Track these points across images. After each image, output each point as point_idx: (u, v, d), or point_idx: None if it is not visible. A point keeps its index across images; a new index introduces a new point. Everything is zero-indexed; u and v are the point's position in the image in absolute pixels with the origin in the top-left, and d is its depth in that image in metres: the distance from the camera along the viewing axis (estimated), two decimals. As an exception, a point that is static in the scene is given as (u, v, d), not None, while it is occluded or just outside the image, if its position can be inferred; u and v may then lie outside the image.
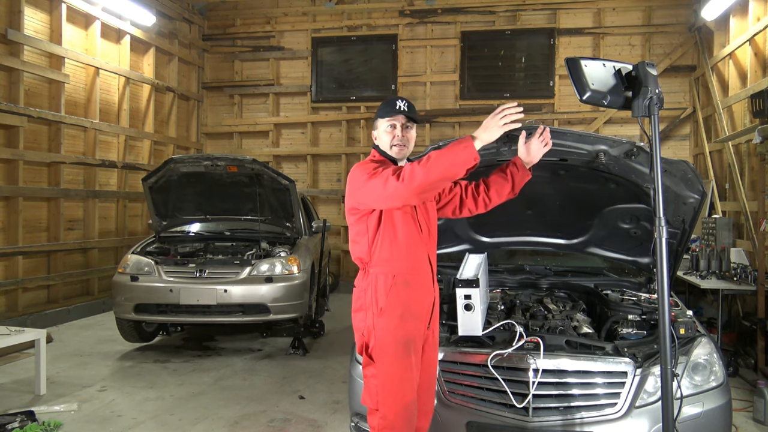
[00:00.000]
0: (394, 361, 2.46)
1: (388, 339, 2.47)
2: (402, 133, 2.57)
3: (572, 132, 3.03)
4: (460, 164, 2.25)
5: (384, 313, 2.48)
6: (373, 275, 2.54)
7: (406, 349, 2.47)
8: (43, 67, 7.07)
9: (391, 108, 2.57)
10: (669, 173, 2.99)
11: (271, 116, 10.37)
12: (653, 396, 2.66)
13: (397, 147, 2.57)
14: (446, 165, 2.24)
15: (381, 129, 2.60)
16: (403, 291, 2.49)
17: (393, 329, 2.47)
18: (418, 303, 2.53)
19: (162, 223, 6.47)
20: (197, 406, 4.41)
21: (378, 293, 2.50)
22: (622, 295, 3.55)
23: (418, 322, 2.52)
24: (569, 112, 9.32)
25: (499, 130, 2.28)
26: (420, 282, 2.54)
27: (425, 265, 2.58)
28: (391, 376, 2.46)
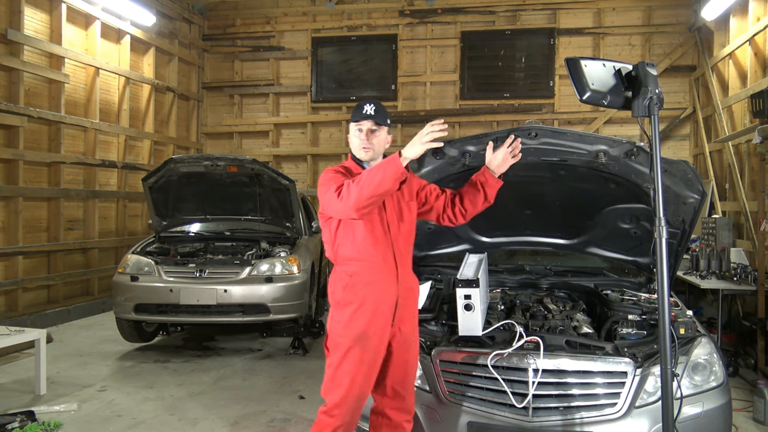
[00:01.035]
0: (344, 355, 2.56)
1: (341, 332, 2.59)
2: (367, 137, 2.67)
3: (572, 132, 3.03)
4: (389, 179, 2.34)
5: (339, 308, 2.62)
6: (337, 273, 2.69)
7: (358, 344, 2.55)
8: (43, 67, 7.07)
9: (358, 113, 2.68)
10: (669, 173, 2.99)
11: (271, 116, 10.37)
12: (653, 396, 2.66)
13: (363, 150, 2.68)
14: (377, 182, 2.35)
15: (351, 133, 2.74)
16: (359, 288, 2.58)
17: (345, 324, 2.58)
18: (376, 300, 2.58)
19: (162, 223, 6.47)
20: (197, 406, 4.41)
21: (336, 289, 2.65)
22: (622, 295, 3.55)
23: (375, 318, 2.57)
24: (569, 112, 9.32)
25: (422, 147, 2.33)
26: (379, 280, 2.60)
27: (388, 264, 2.63)
28: (340, 368, 2.56)
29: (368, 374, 2.59)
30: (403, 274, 2.68)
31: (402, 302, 2.66)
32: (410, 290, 2.73)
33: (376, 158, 2.72)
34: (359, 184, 2.38)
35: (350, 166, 2.74)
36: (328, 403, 2.59)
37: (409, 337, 2.71)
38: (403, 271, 2.69)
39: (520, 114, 9.41)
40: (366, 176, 2.39)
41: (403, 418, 2.71)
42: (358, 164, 2.73)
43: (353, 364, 2.55)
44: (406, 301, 2.69)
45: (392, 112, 9.85)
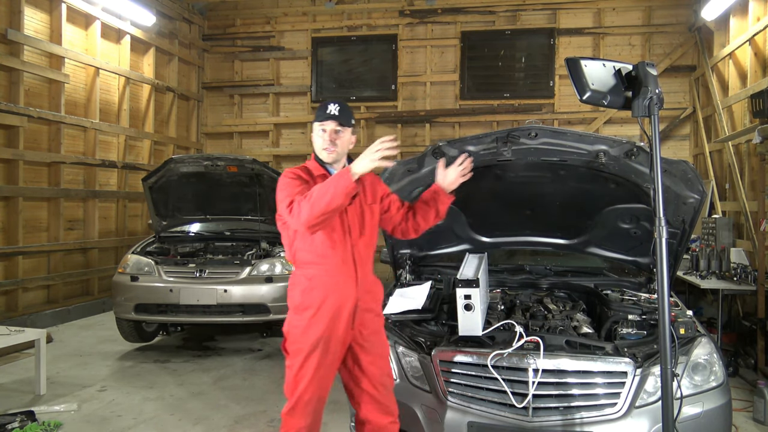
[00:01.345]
0: (304, 360, 2.57)
1: (299, 338, 2.59)
2: (330, 138, 2.65)
3: (572, 132, 3.03)
4: (339, 195, 2.34)
5: (297, 312, 2.62)
6: (296, 276, 2.69)
7: (317, 348, 2.56)
8: (43, 67, 7.07)
9: (322, 112, 2.66)
10: (669, 173, 3.00)
11: (271, 116, 10.36)
12: (653, 396, 2.66)
13: (326, 151, 2.66)
14: (327, 198, 2.35)
15: (314, 133, 2.72)
16: (318, 292, 2.58)
17: (303, 329, 2.58)
18: (335, 304, 2.57)
19: (162, 223, 6.47)
20: (197, 406, 4.41)
21: (295, 293, 2.66)
22: (622, 295, 3.55)
23: (333, 323, 2.57)
24: (569, 112, 9.32)
25: (371, 163, 2.33)
26: (338, 283, 2.60)
27: (347, 267, 2.62)
28: (300, 372, 2.58)
29: (327, 376, 2.63)
30: (363, 276, 2.67)
31: (362, 305, 2.65)
32: (370, 293, 2.72)
33: (339, 159, 2.71)
34: (310, 201, 2.38)
35: (312, 168, 2.73)
36: (290, 404, 2.61)
37: (371, 339, 2.71)
38: (363, 273, 2.67)
39: (520, 114, 9.41)
40: (316, 193, 2.38)
41: (386, 420, 2.70)
42: (321, 165, 2.72)
43: (312, 368, 2.57)
44: (366, 303, 2.68)
45: (392, 112, 9.87)
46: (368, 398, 2.69)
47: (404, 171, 3.34)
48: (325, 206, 2.36)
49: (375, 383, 2.69)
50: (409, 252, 4.05)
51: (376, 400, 2.69)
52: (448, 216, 3.82)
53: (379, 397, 2.69)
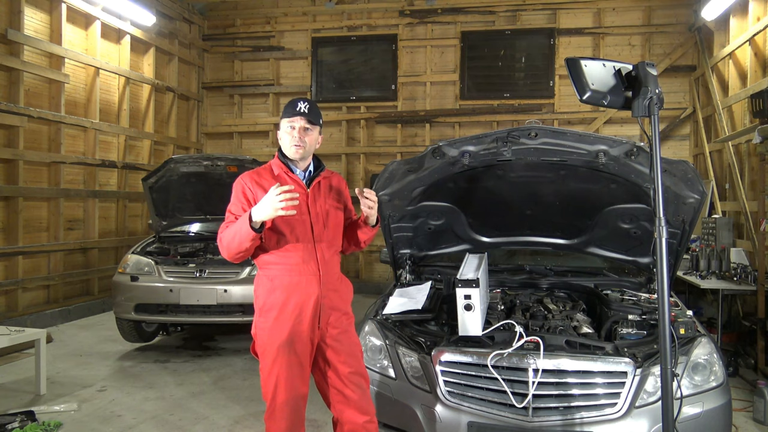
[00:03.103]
0: (273, 361, 2.56)
1: (266, 339, 2.58)
2: (300, 135, 2.61)
3: (572, 132, 3.03)
4: (245, 241, 2.43)
5: (262, 314, 2.60)
6: (259, 277, 2.67)
7: (284, 349, 2.55)
8: (43, 67, 7.07)
9: (291, 109, 2.62)
10: (669, 173, 3.00)
11: (271, 116, 10.36)
12: (653, 396, 2.66)
13: (294, 148, 2.62)
14: (236, 244, 2.47)
15: (282, 130, 2.66)
16: (279, 293, 2.57)
17: (269, 329, 2.57)
18: (297, 304, 2.56)
19: (162, 223, 6.47)
20: (197, 406, 4.41)
21: (259, 294, 2.64)
22: (622, 295, 3.55)
23: (297, 323, 2.56)
24: (569, 112, 9.32)
25: (273, 213, 2.34)
26: (300, 283, 2.58)
27: (309, 266, 2.60)
28: (272, 373, 2.57)
29: (301, 374, 2.61)
30: (326, 275, 2.64)
31: (327, 303, 2.63)
32: (336, 291, 2.69)
33: (306, 157, 2.68)
34: (223, 243, 2.52)
35: (275, 166, 2.67)
36: (269, 407, 2.60)
37: (340, 338, 2.68)
38: (326, 271, 2.64)
39: (520, 114, 9.41)
40: (226, 237, 2.50)
41: (362, 419, 2.67)
42: (285, 163, 2.67)
43: (283, 368, 2.56)
44: (332, 302, 2.66)
45: (392, 112, 9.87)
46: (341, 398, 2.68)
47: (404, 171, 3.34)
48: (236, 249, 2.49)
49: (347, 382, 2.67)
50: (409, 252, 4.05)
51: (350, 399, 2.67)
52: (449, 216, 3.85)
53: (352, 396, 2.67)
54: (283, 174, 2.64)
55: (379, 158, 9.84)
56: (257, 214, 2.37)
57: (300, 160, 2.66)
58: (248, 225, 2.38)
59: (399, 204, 3.59)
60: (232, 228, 2.47)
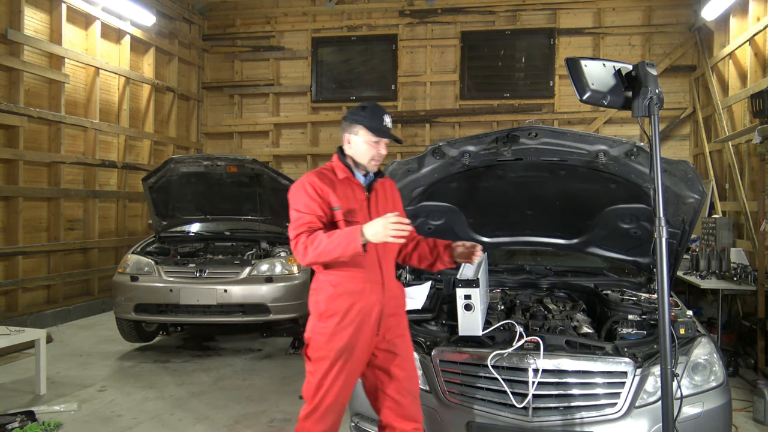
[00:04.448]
0: (329, 367, 2.52)
1: (323, 345, 2.53)
2: (383, 152, 2.62)
3: (572, 132, 3.04)
4: (345, 255, 2.39)
5: (322, 320, 2.56)
6: (319, 282, 2.63)
7: (342, 356, 2.51)
8: (43, 67, 7.07)
9: (379, 123, 2.58)
10: (669, 173, 3.00)
11: (271, 116, 10.36)
12: (653, 396, 2.66)
13: (374, 162, 2.63)
14: (334, 255, 2.40)
15: (363, 139, 2.60)
16: (343, 299, 2.53)
17: (329, 335, 2.52)
18: (361, 311, 2.53)
19: (162, 223, 6.47)
20: (197, 406, 4.41)
21: (319, 300, 2.59)
22: (622, 295, 3.55)
23: (359, 330, 2.52)
24: (569, 112, 9.32)
25: (384, 238, 2.32)
26: (364, 290, 2.54)
27: (373, 273, 2.57)
28: (324, 378, 2.53)
29: (350, 382, 2.59)
30: (389, 282, 2.63)
31: (387, 311, 2.61)
32: (395, 298, 2.68)
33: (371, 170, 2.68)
34: (317, 251, 2.40)
35: (337, 169, 2.63)
36: (309, 408, 2.57)
37: (397, 342, 2.67)
38: (389, 279, 2.64)
39: (520, 114, 9.41)
40: (325, 246, 2.39)
41: (410, 426, 2.64)
42: (348, 167, 2.64)
43: (336, 375, 2.52)
44: (392, 309, 2.64)
45: (392, 112, 9.82)
46: (392, 403, 2.63)
47: (404, 171, 3.34)
48: (330, 260, 2.43)
49: (400, 388, 2.64)
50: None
51: (401, 405, 2.63)
52: (449, 216, 3.85)
53: (403, 402, 2.64)
54: (348, 179, 2.62)
55: (379, 158, 9.82)
56: (371, 237, 2.33)
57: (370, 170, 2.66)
58: (359, 242, 2.33)
59: (399, 204, 3.58)
60: (335, 239, 2.38)
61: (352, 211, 2.55)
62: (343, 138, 2.66)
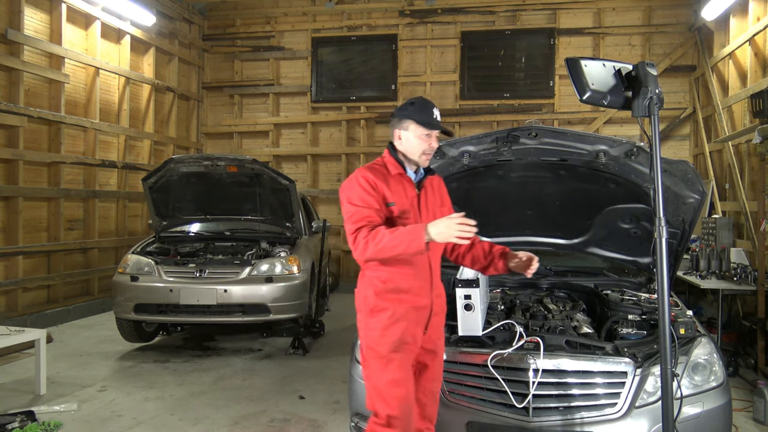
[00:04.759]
0: (387, 363, 2.46)
1: (378, 341, 2.49)
2: (434, 145, 2.60)
3: (572, 132, 3.04)
4: (408, 252, 2.36)
5: (373, 315, 2.52)
6: (367, 278, 2.58)
7: (396, 351, 2.46)
8: (43, 67, 7.07)
9: (428, 116, 2.55)
10: (669, 173, 3.00)
11: (271, 116, 10.37)
12: (653, 396, 2.66)
13: (425, 156, 2.59)
14: (397, 251, 2.34)
15: (414, 133, 2.57)
16: (393, 295, 2.50)
17: (382, 330, 2.48)
18: (411, 308, 2.50)
19: (162, 223, 6.47)
20: (197, 406, 4.41)
21: (368, 296, 2.55)
22: (622, 295, 3.55)
23: (410, 326, 2.49)
24: (569, 112, 9.32)
25: (451, 239, 2.28)
26: (414, 287, 2.52)
27: (422, 271, 2.55)
28: (382, 377, 2.47)
29: (412, 378, 2.53)
30: (436, 281, 2.61)
31: (435, 309, 2.59)
32: (440, 297, 2.66)
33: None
34: (378, 246, 2.34)
35: (389, 165, 2.60)
36: (383, 414, 2.45)
37: (437, 343, 2.65)
38: (436, 278, 2.61)
39: (520, 114, 9.41)
40: (387, 243, 2.33)
41: (423, 426, 2.63)
42: (400, 163, 2.61)
43: (399, 371, 2.45)
44: (438, 308, 2.62)
45: (392, 111, 9.83)
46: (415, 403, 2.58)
47: (404, 171, 3.33)
48: (392, 256, 2.38)
49: (427, 389, 2.62)
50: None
51: (423, 405, 2.62)
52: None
53: (426, 402, 2.63)
54: (400, 175, 2.59)
55: (379, 158, 9.82)
56: (436, 237, 2.27)
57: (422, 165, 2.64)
58: (423, 241, 2.28)
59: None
60: (398, 236, 2.33)
61: (403, 207, 2.53)
62: (393, 135, 2.65)
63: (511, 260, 2.70)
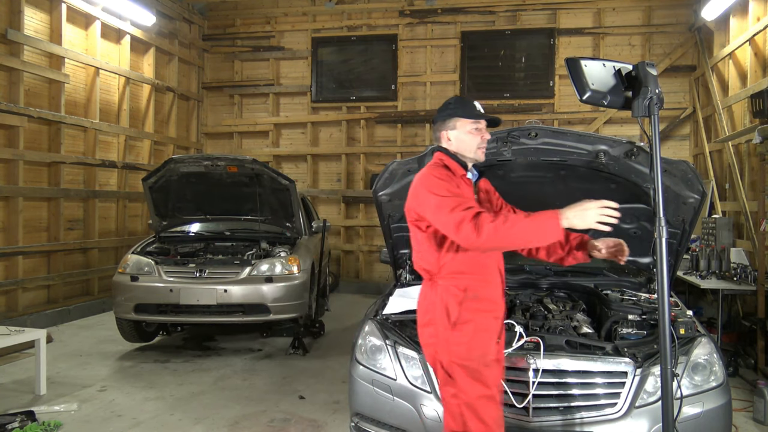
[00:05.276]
0: (474, 378, 2.33)
1: (465, 354, 2.34)
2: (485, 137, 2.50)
3: (572, 132, 3.04)
4: (541, 239, 2.23)
5: (457, 328, 2.36)
6: (442, 288, 2.42)
7: (482, 363, 2.35)
8: (43, 67, 7.07)
9: (473, 109, 2.48)
10: (669, 173, 3.00)
11: (271, 116, 10.37)
12: (653, 396, 2.66)
13: (481, 150, 2.49)
14: (528, 237, 2.20)
15: (463, 130, 2.47)
16: (474, 304, 2.38)
17: (467, 343, 2.35)
18: (489, 316, 2.41)
19: (162, 223, 6.47)
20: (197, 406, 4.41)
21: (449, 307, 2.38)
22: (622, 295, 3.55)
23: (489, 335, 2.40)
24: (569, 112, 9.32)
25: (589, 224, 2.15)
26: (490, 295, 2.43)
27: (495, 277, 2.47)
28: (473, 393, 2.32)
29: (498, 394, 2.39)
30: (503, 285, 2.52)
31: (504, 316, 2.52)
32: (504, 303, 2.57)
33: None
34: (509, 232, 2.14)
35: (452, 167, 2.47)
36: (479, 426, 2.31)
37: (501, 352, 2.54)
38: (503, 282, 2.53)
39: (520, 114, 9.41)
40: (520, 228, 2.15)
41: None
42: (461, 165, 2.49)
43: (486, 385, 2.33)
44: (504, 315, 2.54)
45: (392, 112, 9.87)
46: None
47: (404, 171, 3.34)
48: (522, 242, 2.25)
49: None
50: (409, 252, 4.04)
51: None
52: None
53: None
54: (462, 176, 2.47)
55: (379, 158, 9.84)
56: (576, 222, 2.13)
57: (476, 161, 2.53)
58: (561, 227, 2.13)
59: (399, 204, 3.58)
60: (533, 221, 2.16)
61: None
62: (440, 138, 2.54)
63: (593, 249, 2.57)
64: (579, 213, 2.15)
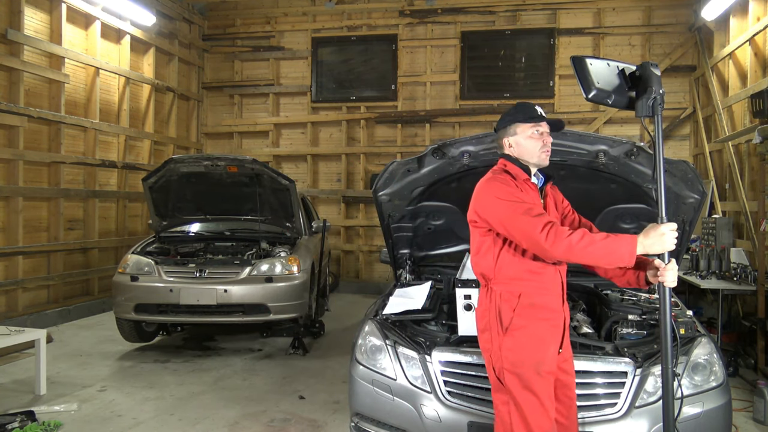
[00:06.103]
0: (526, 386, 2.29)
1: (516, 361, 2.31)
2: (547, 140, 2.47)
3: (572, 132, 3.04)
4: (612, 263, 2.19)
5: (509, 334, 2.34)
6: (496, 293, 2.40)
7: (537, 371, 2.30)
8: (43, 67, 7.07)
9: (532, 112, 2.45)
10: (669, 173, 3.00)
11: (271, 116, 10.37)
12: (653, 396, 2.66)
13: (545, 154, 2.46)
14: (601, 259, 2.18)
15: (524, 135, 2.46)
16: (528, 311, 2.34)
17: (520, 350, 2.31)
18: (546, 324, 2.35)
19: (162, 223, 6.47)
20: (197, 406, 4.41)
21: (502, 313, 2.36)
22: (622, 295, 3.55)
23: (546, 344, 2.34)
24: (569, 112, 9.32)
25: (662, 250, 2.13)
26: (548, 302, 2.38)
27: (555, 284, 2.41)
28: (525, 401, 2.29)
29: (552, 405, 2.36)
30: (565, 292, 2.48)
31: (567, 325, 2.47)
32: (568, 311, 2.54)
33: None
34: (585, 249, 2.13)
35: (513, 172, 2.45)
36: None
37: (572, 363, 2.51)
38: (565, 292, 2.48)
39: (520, 114, 9.39)
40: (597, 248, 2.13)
41: None
42: (524, 170, 2.46)
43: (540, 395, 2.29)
44: (567, 323, 2.49)
45: (392, 112, 9.87)
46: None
47: (404, 171, 3.34)
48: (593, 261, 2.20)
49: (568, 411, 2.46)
50: (408, 252, 4.05)
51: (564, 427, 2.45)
52: (448, 216, 3.85)
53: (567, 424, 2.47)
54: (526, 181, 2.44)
55: (379, 158, 9.84)
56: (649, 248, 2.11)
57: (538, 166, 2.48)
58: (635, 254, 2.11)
59: (399, 204, 3.59)
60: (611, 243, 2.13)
61: None
62: (503, 146, 2.54)
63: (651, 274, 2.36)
64: (657, 240, 2.11)
